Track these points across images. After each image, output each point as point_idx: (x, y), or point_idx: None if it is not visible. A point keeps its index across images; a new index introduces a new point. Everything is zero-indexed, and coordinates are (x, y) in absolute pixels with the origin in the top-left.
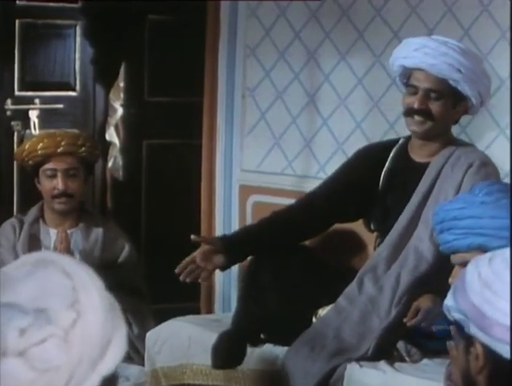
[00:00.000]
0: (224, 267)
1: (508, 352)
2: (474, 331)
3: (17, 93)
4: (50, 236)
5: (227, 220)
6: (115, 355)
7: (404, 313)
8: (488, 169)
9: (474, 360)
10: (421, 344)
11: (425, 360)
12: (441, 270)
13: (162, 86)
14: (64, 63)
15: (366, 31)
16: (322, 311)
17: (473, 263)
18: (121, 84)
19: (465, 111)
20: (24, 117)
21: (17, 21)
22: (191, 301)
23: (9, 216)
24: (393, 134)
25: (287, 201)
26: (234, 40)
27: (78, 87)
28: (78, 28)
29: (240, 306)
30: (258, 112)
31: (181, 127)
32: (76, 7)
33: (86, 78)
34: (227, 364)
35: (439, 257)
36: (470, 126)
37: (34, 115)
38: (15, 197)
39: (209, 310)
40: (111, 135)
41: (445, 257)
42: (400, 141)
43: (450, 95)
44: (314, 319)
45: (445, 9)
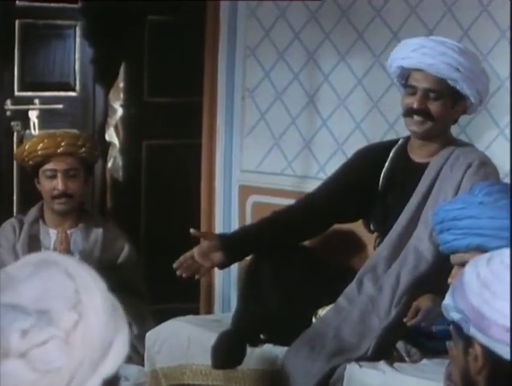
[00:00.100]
0: (222, 265)
1: (507, 353)
2: (473, 332)
3: (17, 93)
4: (50, 237)
5: (227, 220)
6: (117, 357)
7: (404, 313)
8: (487, 169)
9: (473, 361)
10: (421, 344)
11: (424, 360)
12: (441, 270)
13: (161, 86)
14: (64, 63)
15: (366, 32)
16: (322, 311)
17: (472, 263)
18: (120, 85)
19: (464, 111)
20: (24, 118)
21: (17, 21)
22: (190, 301)
23: (8, 216)
24: (392, 135)
25: (287, 201)
26: (234, 41)
27: (78, 87)
28: (78, 28)
29: (240, 306)
30: (258, 112)
31: (181, 127)
32: (76, 8)
33: (86, 78)
34: (227, 364)
35: (438, 257)
36: (470, 126)
37: (33, 115)
38: (15, 197)
39: (209, 311)
40: (111, 135)
41: (445, 257)
42: (399, 141)
43: (449, 94)
44: (314, 319)
45: (445, 9)
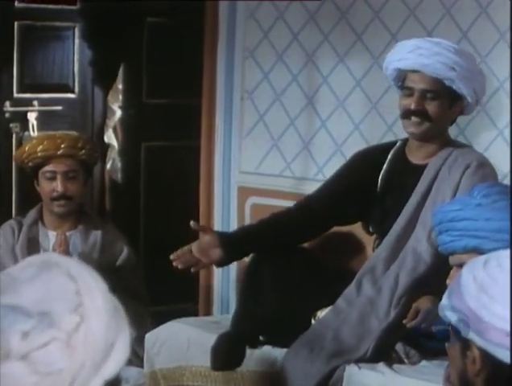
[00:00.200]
0: (220, 262)
1: (506, 357)
2: (471, 335)
3: (15, 95)
4: (49, 239)
5: (225, 222)
6: (118, 359)
7: (403, 314)
8: (485, 170)
9: (471, 363)
10: (420, 345)
11: (424, 362)
12: (439, 271)
13: (160, 88)
14: (63, 65)
15: (365, 34)
16: (321, 313)
17: (468, 266)
18: (119, 86)
19: (461, 111)
20: (23, 119)
21: (16, 23)
22: (189, 302)
23: (7, 218)
24: (391, 136)
25: (286, 203)
26: (233, 42)
27: (77, 89)
28: (77, 30)
29: (239, 308)
30: (257, 114)
31: (180, 129)
32: (75, 9)
33: (85, 80)
34: (226, 366)
35: (437, 258)
36: (468, 128)
37: (32, 117)
38: (14, 199)
39: (208, 312)
40: (110, 137)
41: (443, 258)
42: (397, 143)
43: (446, 95)
44: (313, 321)
45: (444, 11)
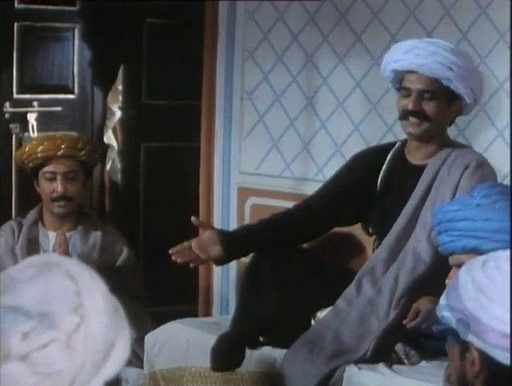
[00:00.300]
0: (219, 259)
1: (505, 358)
2: (469, 337)
3: (15, 96)
4: (49, 239)
5: (225, 223)
6: (118, 359)
7: (403, 315)
8: (484, 170)
9: (470, 365)
10: (420, 345)
11: (423, 362)
12: (439, 271)
13: (160, 89)
14: (63, 65)
15: (364, 34)
16: (321, 314)
17: (466, 267)
18: (119, 87)
19: (460, 111)
20: (22, 120)
21: (15, 24)
22: (189, 303)
23: (7, 219)
24: (391, 137)
25: (286, 203)
26: (232, 43)
27: (76, 90)
28: (76, 31)
29: (239, 308)
30: (256, 114)
31: (179, 130)
32: (75, 10)
33: (84, 81)
34: (226, 367)
35: (436, 258)
36: (468, 129)
37: (32, 118)
38: (13, 200)
39: (207, 313)
40: (109, 138)
41: (443, 258)
42: (397, 144)
43: (443, 95)
44: (313, 321)
45: (443, 12)
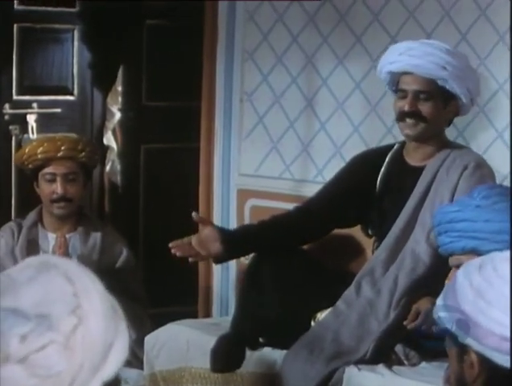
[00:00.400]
0: (218, 257)
1: (505, 361)
2: (468, 340)
3: (15, 97)
4: (48, 241)
5: (225, 224)
6: (117, 359)
7: (402, 315)
8: (483, 170)
9: (469, 368)
10: (420, 345)
11: (423, 363)
12: (438, 272)
13: (160, 90)
14: (62, 67)
15: (364, 36)
16: (320, 315)
17: (463, 270)
18: (119, 89)
19: (457, 111)
20: (22, 122)
21: (15, 25)
22: (188, 304)
23: (7, 220)
24: (390, 138)
25: (285, 205)
26: (232, 45)
27: (76, 91)
28: (76, 32)
29: (239, 309)
30: (256, 116)
31: (179, 131)
32: (74, 12)
33: (84, 82)
34: (226, 368)
35: (436, 259)
36: (468, 130)
37: (32, 119)
38: (13, 201)
39: (207, 314)
40: (109, 139)
41: (442, 259)
42: (395, 146)
43: (439, 95)
44: (312, 323)
45: (443, 13)
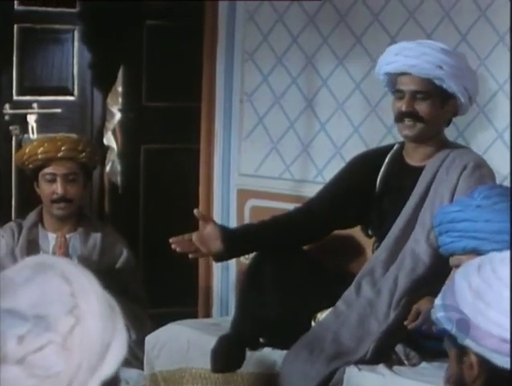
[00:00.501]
0: (218, 255)
1: (505, 362)
2: (467, 342)
3: (15, 98)
4: (49, 241)
5: (225, 224)
6: (115, 359)
7: (402, 316)
8: (482, 170)
9: (468, 369)
10: (420, 345)
11: (424, 364)
12: (438, 272)
13: (160, 91)
14: (62, 67)
15: (364, 36)
16: (321, 315)
17: (461, 272)
18: (119, 89)
19: (455, 111)
20: (22, 122)
21: (15, 26)
22: (188, 305)
23: (7, 221)
24: (390, 139)
25: (285, 205)
26: (232, 45)
27: (76, 91)
28: (76, 33)
29: (239, 310)
30: (256, 116)
31: (179, 132)
32: (75, 12)
33: (84, 82)
34: (226, 368)
35: (436, 259)
36: (468, 130)
37: (32, 119)
38: (13, 201)
39: (207, 314)
40: (109, 140)
41: (442, 259)
42: (395, 146)
43: (436, 94)
44: (313, 323)
45: (443, 14)
